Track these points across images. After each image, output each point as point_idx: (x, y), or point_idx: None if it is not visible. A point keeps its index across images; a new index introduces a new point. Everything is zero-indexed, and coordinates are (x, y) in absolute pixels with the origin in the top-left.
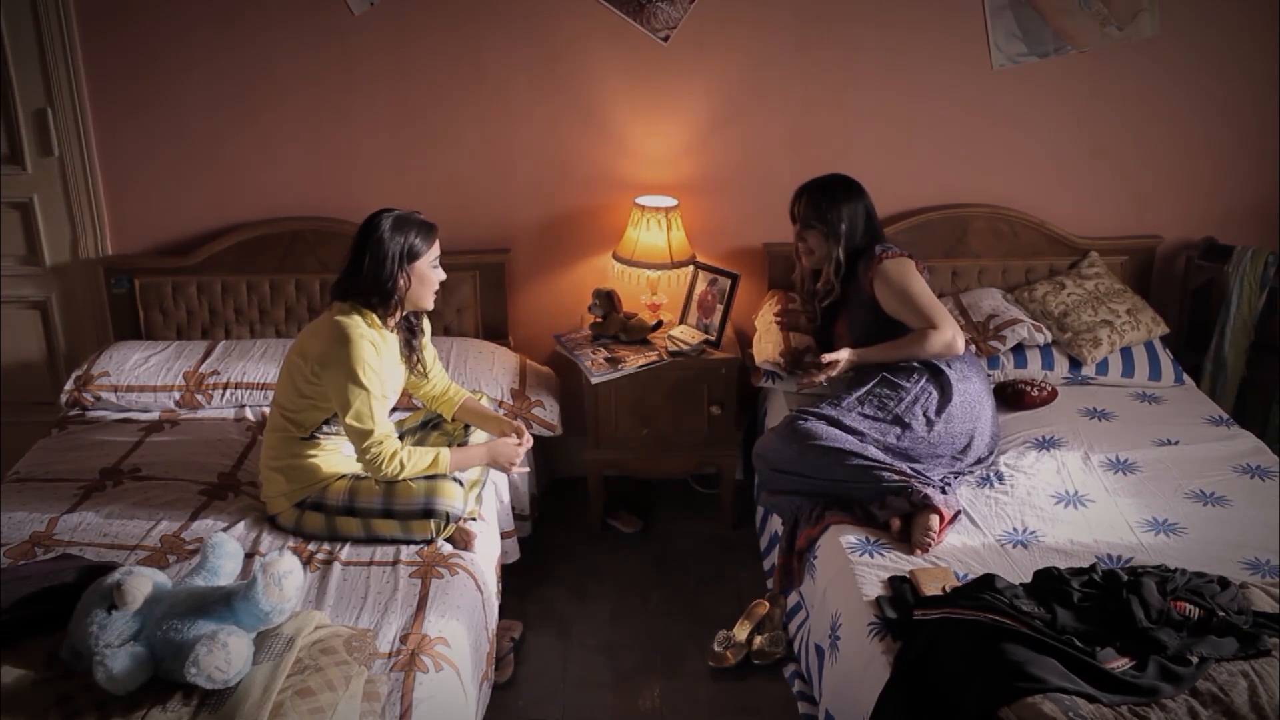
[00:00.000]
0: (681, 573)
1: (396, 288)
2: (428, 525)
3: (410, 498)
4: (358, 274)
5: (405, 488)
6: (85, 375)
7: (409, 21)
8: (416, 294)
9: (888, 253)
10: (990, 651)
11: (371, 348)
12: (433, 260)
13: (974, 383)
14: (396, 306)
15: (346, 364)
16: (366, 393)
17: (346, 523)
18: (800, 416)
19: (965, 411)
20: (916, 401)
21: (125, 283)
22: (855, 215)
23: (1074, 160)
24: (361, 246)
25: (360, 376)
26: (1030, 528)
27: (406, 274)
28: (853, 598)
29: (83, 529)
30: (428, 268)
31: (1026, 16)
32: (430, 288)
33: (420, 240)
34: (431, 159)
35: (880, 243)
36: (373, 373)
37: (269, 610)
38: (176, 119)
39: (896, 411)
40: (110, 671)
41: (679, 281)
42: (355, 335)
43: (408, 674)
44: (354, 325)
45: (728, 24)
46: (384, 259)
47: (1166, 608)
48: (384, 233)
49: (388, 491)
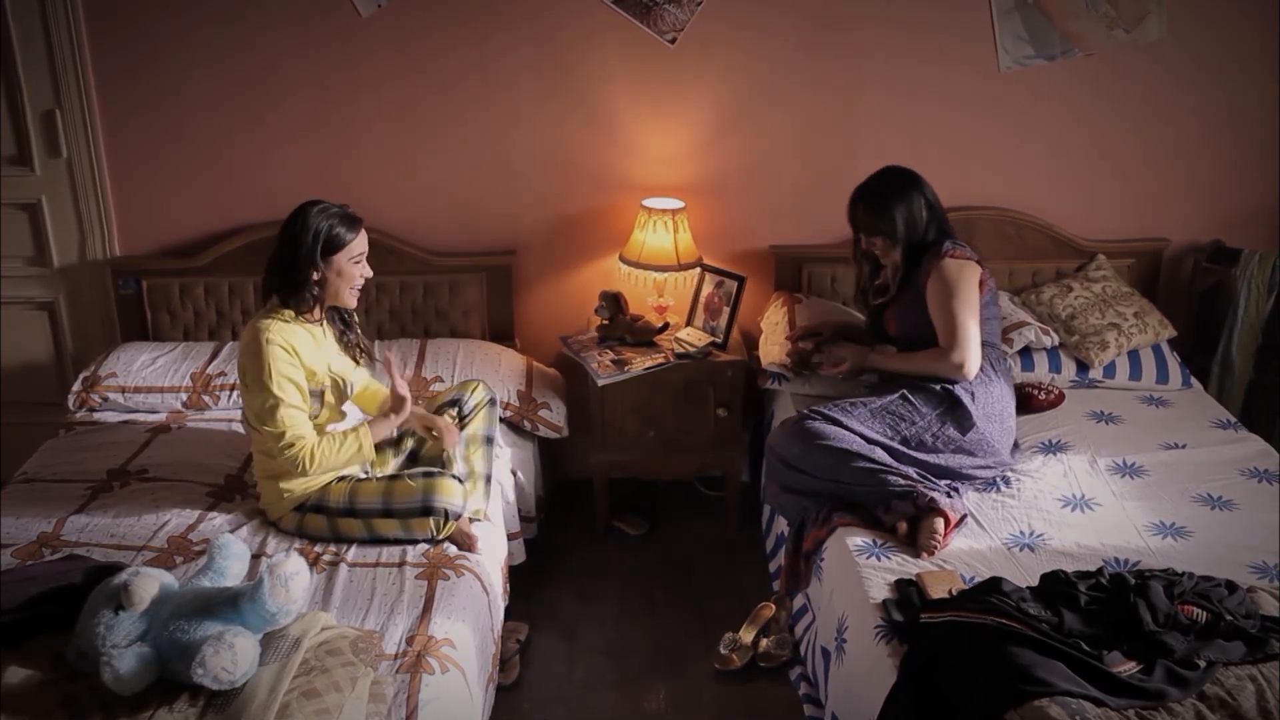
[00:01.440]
0: (687, 575)
1: (309, 281)
2: (427, 523)
3: (409, 496)
4: (276, 266)
5: (404, 486)
6: (93, 376)
7: (415, 23)
8: (335, 288)
9: (955, 250)
10: (997, 655)
11: (283, 351)
12: (354, 255)
13: (995, 425)
14: (314, 302)
15: (257, 375)
16: (276, 400)
17: (349, 524)
18: (809, 415)
19: (980, 446)
20: (928, 431)
21: (132, 284)
22: (913, 212)
23: (1081, 163)
24: (281, 237)
25: (270, 386)
26: (1037, 531)
27: (322, 267)
28: (859, 600)
29: (90, 530)
30: (347, 261)
31: (1033, 19)
32: (349, 283)
33: (342, 231)
34: (438, 161)
35: (951, 238)
36: (283, 379)
37: (275, 611)
38: (184, 120)
39: (905, 434)
40: (117, 672)
41: (685, 284)
42: (263, 342)
43: (413, 675)
44: (264, 330)
45: (734, 26)
46: (299, 250)
47: (1174, 611)
48: (303, 223)
49: (386, 491)
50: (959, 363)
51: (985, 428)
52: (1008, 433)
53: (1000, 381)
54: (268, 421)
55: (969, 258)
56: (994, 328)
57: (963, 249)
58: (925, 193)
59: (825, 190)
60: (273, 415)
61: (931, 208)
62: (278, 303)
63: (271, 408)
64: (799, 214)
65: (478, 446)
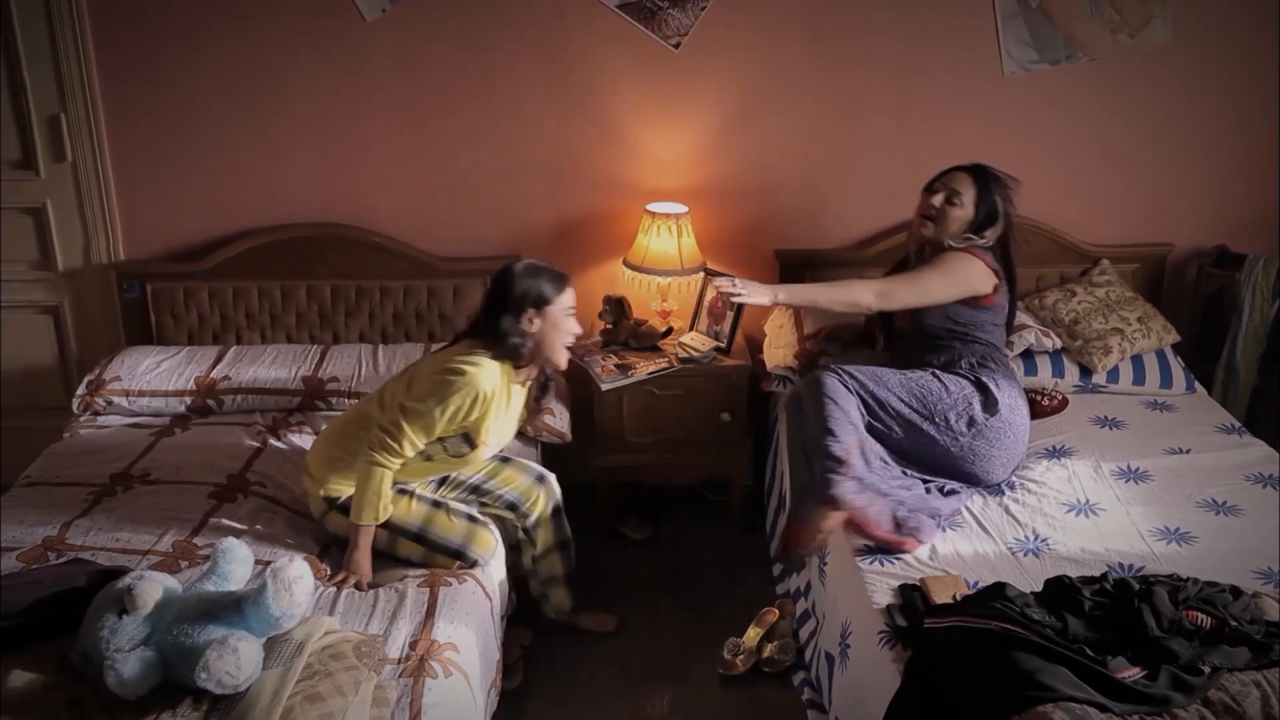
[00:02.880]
0: (691, 580)
1: (526, 335)
2: (452, 564)
3: (447, 533)
4: (490, 322)
5: (445, 522)
6: (97, 380)
7: (419, 28)
8: (550, 342)
9: (978, 251)
10: (1001, 660)
11: (473, 403)
12: (566, 309)
13: (1017, 418)
14: (530, 357)
15: (431, 392)
16: (421, 422)
17: (375, 533)
18: (833, 370)
19: (999, 436)
20: (954, 409)
21: (137, 288)
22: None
23: (1085, 167)
24: (492, 294)
25: (425, 410)
26: (1041, 536)
27: (538, 321)
28: (863, 605)
29: (94, 534)
30: (561, 315)
31: (1038, 24)
32: (564, 337)
33: (550, 287)
34: (442, 165)
35: (986, 248)
36: (442, 420)
37: (279, 615)
38: (189, 125)
39: (932, 408)
40: (120, 676)
41: (689, 288)
42: (464, 380)
43: (417, 679)
44: (479, 370)
45: (739, 31)
46: (516, 308)
47: (1178, 617)
48: (513, 279)
49: (427, 518)
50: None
51: (1009, 418)
52: (1022, 434)
53: (1014, 387)
54: (394, 421)
55: (985, 263)
56: (998, 336)
57: (988, 256)
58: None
59: (829, 195)
60: (402, 421)
61: (1009, 221)
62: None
63: (418, 419)
64: (803, 218)
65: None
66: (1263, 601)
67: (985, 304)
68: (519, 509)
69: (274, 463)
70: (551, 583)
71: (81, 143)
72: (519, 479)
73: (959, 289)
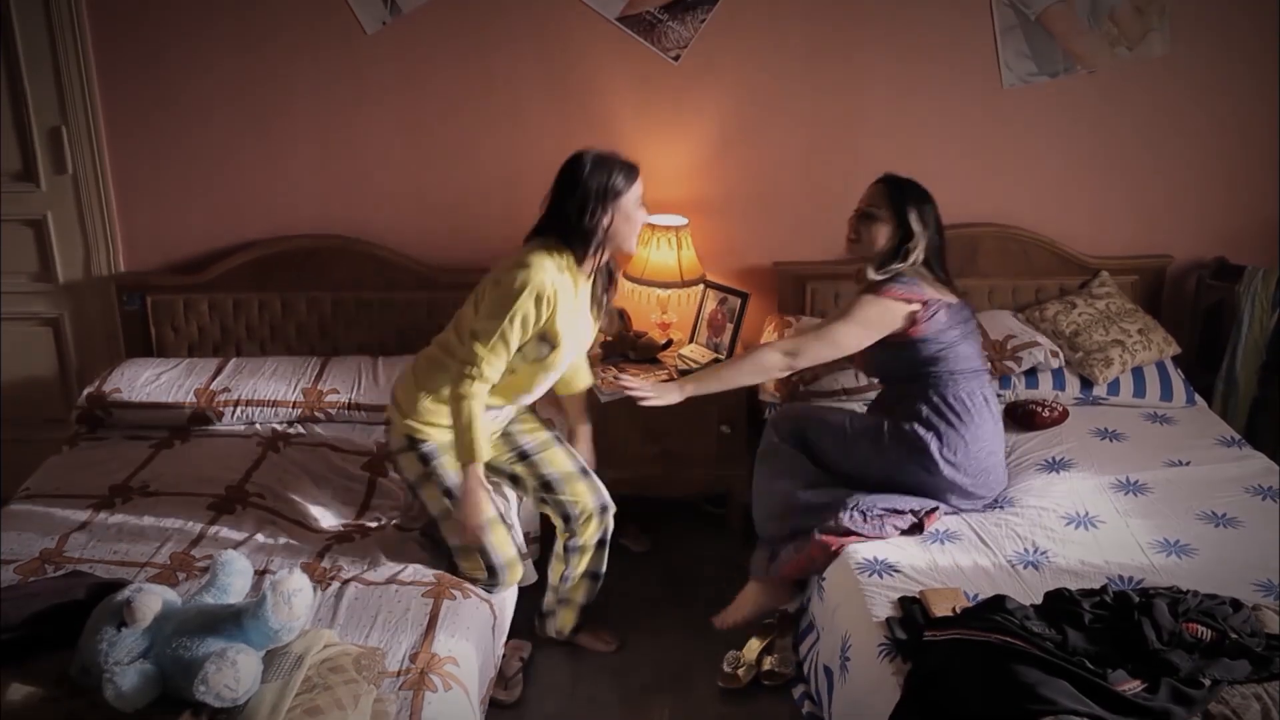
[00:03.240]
0: (690, 592)
1: (598, 226)
2: (478, 563)
3: (499, 549)
4: (558, 214)
5: (502, 537)
6: (97, 392)
7: (420, 40)
8: (621, 233)
9: (895, 290)
10: (1001, 673)
11: (541, 301)
12: (636, 199)
13: (970, 467)
14: (599, 248)
15: (501, 303)
16: (503, 326)
17: (431, 493)
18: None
19: (950, 488)
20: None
21: (137, 300)
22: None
23: (1084, 180)
24: (562, 186)
25: (502, 322)
26: (1041, 548)
27: (610, 212)
28: (862, 619)
29: (92, 547)
30: (632, 205)
31: (1036, 36)
32: (635, 227)
33: (623, 179)
34: (443, 177)
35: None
36: (517, 324)
37: (278, 628)
38: (190, 137)
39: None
40: (119, 689)
41: (689, 300)
42: (538, 272)
43: (416, 693)
44: (537, 269)
45: (738, 43)
46: (586, 198)
47: (1178, 629)
48: (585, 171)
49: (489, 523)
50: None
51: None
52: (985, 472)
53: (964, 433)
54: (478, 340)
55: (899, 296)
56: (954, 362)
57: (909, 289)
58: (935, 216)
59: (829, 207)
60: (476, 348)
61: (938, 231)
62: (558, 241)
63: (497, 337)
64: (803, 231)
65: (581, 583)
66: (1263, 614)
67: (912, 335)
68: (571, 524)
69: (273, 474)
70: (566, 604)
71: (82, 155)
72: (586, 499)
73: (869, 334)
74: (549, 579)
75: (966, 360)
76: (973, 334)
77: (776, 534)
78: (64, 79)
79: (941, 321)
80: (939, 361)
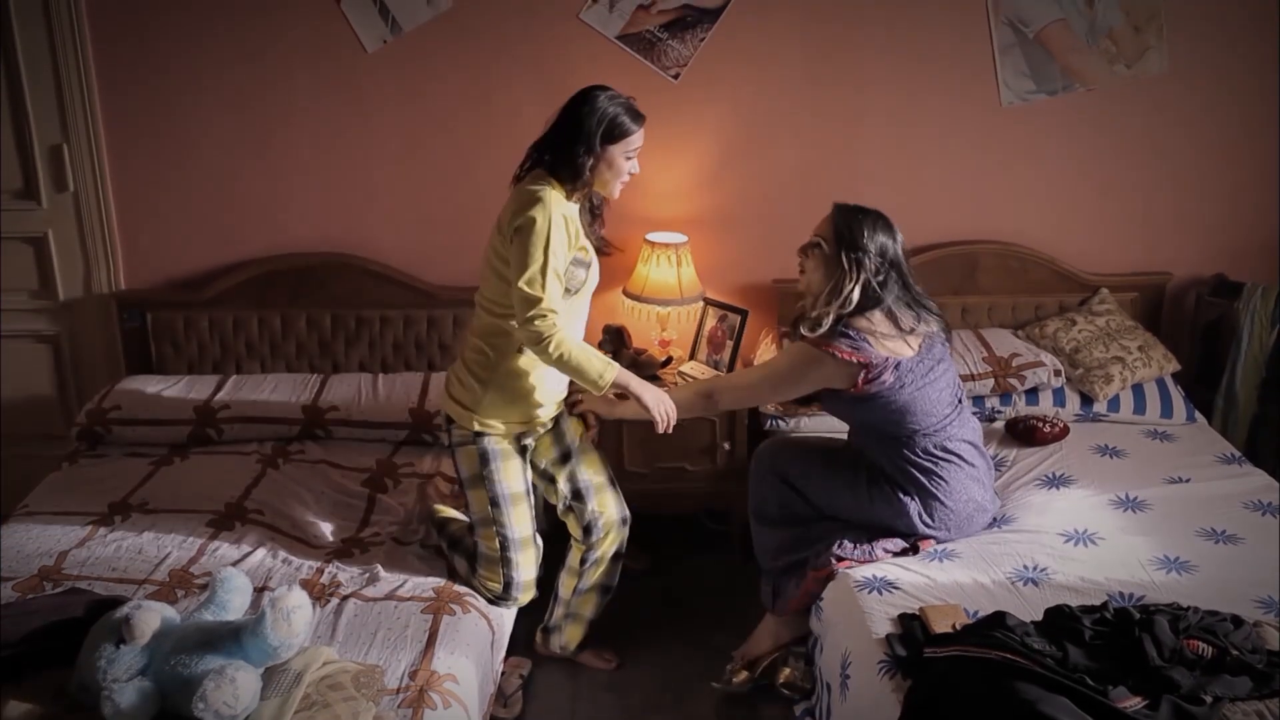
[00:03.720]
0: (691, 609)
1: (583, 165)
2: (497, 572)
3: (523, 563)
4: (552, 140)
5: (531, 554)
6: (96, 409)
7: (419, 59)
8: (603, 177)
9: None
10: (1002, 690)
11: (561, 220)
12: (628, 150)
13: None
14: (582, 185)
15: (529, 234)
16: (544, 259)
17: (479, 495)
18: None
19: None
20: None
21: (137, 317)
22: (877, 241)
23: (1083, 197)
24: (562, 115)
25: (541, 248)
26: (1040, 565)
27: (596, 153)
28: (862, 635)
29: (91, 563)
30: (620, 155)
31: (1035, 55)
32: (618, 176)
33: (626, 121)
34: (442, 194)
35: (850, 336)
36: (557, 244)
37: (277, 645)
38: (191, 155)
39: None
40: (117, 706)
41: (689, 318)
42: (547, 202)
43: (416, 710)
44: (546, 194)
45: (738, 62)
46: (579, 133)
47: (1179, 646)
48: (588, 106)
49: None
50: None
51: (933, 532)
52: (968, 520)
53: (946, 479)
54: (531, 285)
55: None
56: (932, 413)
57: (842, 345)
58: (895, 246)
59: None
60: (540, 279)
61: (893, 263)
62: (546, 173)
63: (539, 271)
64: None
65: (592, 596)
66: (1264, 631)
67: (857, 394)
68: (590, 536)
69: (273, 491)
70: (574, 619)
71: (83, 173)
72: (611, 511)
73: (798, 388)
74: (559, 593)
75: (928, 414)
76: (938, 377)
77: (774, 568)
78: (65, 96)
79: (887, 382)
80: (900, 422)
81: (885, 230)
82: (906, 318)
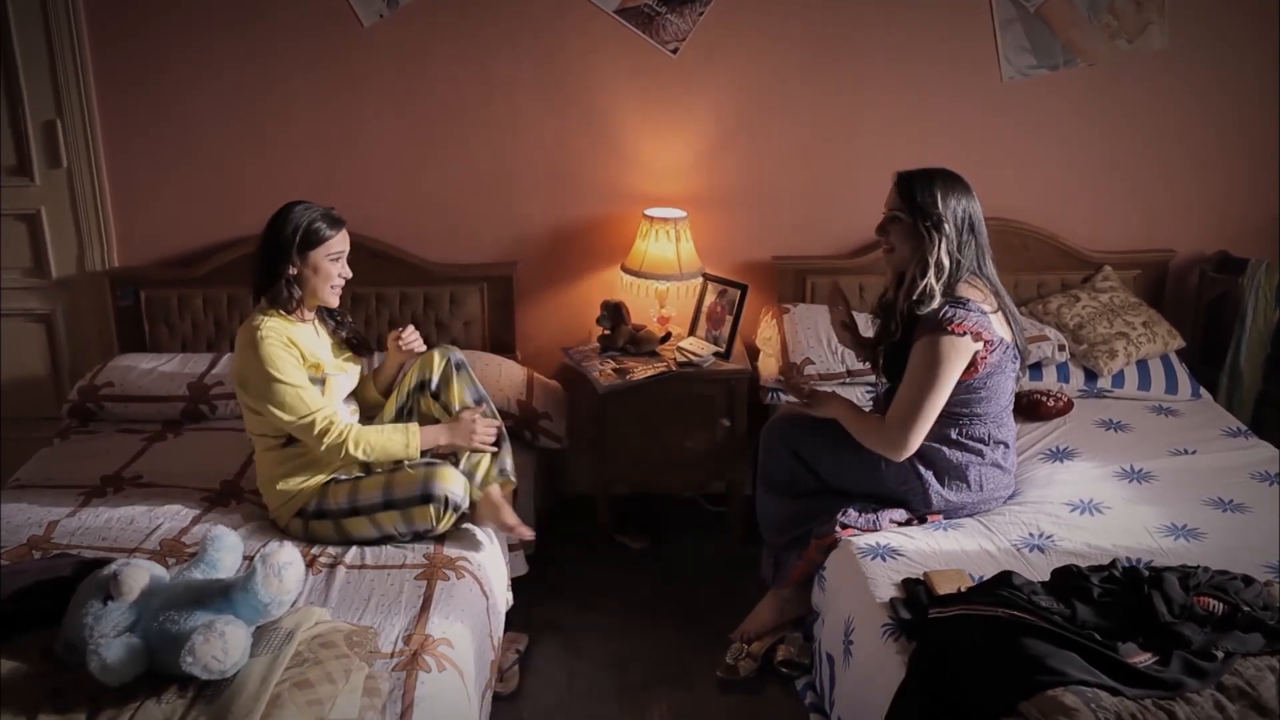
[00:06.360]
0: (690, 589)
1: (286, 276)
2: (428, 512)
3: (409, 485)
4: (257, 263)
5: (404, 476)
6: (89, 385)
7: (417, 34)
8: (313, 286)
9: (956, 323)
10: (1009, 646)
11: (281, 344)
12: (332, 253)
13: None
14: (295, 300)
15: (261, 370)
16: (288, 386)
17: (355, 523)
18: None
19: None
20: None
21: (130, 295)
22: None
23: (1085, 173)
24: (264, 234)
25: (279, 376)
26: (1046, 532)
27: (299, 263)
28: (865, 600)
29: (81, 533)
30: (324, 259)
31: (1036, 29)
32: (327, 280)
33: (321, 227)
34: (440, 172)
35: (958, 302)
36: (288, 366)
37: (268, 602)
38: (185, 131)
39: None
40: (104, 661)
41: (688, 294)
42: (259, 337)
43: (409, 673)
44: (259, 326)
45: (737, 36)
46: (277, 247)
47: (1189, 603)
48: (283, 219)
49: (387, 484)
50: (894, 442)
51: (948, 505)
52: (987, 499)
53: (980, 463)
54: (290, 412)
55: (969, 330)
56: (997, 400)
57: (967, 318)
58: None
59: (828, 201)
60: (295, 403)
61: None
62: (265, 304)
63: (290, 396)
64: (802, 224)
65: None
66: (1275, 589)
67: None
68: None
69: None
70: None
71: (77, 149)
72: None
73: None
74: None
75: (994, 401)
76: (1013, 370)
77: (779, 543)
78: (59, 72)
79: (993, 363)
80: (970, 403)
81: (958, 191)
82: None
